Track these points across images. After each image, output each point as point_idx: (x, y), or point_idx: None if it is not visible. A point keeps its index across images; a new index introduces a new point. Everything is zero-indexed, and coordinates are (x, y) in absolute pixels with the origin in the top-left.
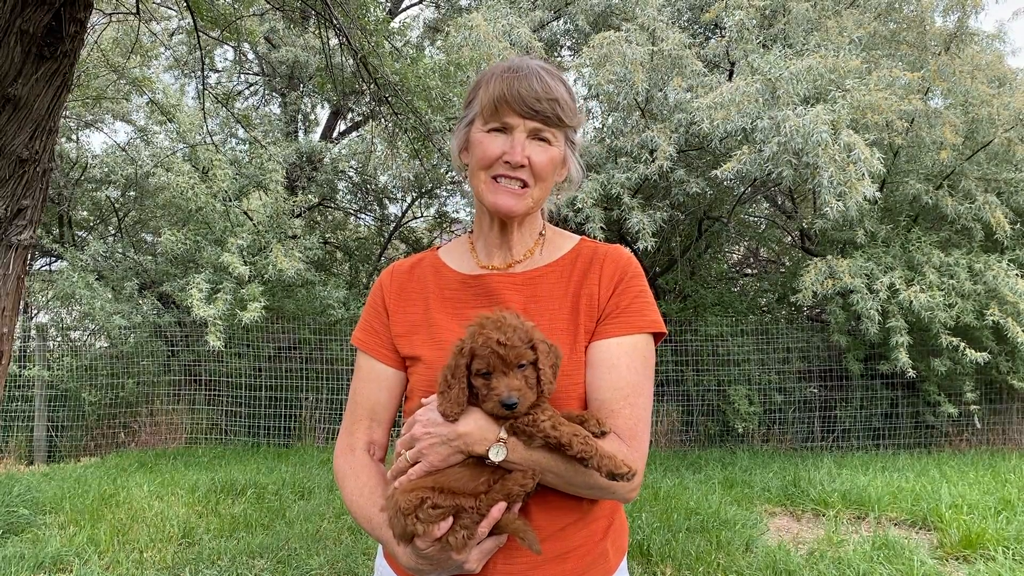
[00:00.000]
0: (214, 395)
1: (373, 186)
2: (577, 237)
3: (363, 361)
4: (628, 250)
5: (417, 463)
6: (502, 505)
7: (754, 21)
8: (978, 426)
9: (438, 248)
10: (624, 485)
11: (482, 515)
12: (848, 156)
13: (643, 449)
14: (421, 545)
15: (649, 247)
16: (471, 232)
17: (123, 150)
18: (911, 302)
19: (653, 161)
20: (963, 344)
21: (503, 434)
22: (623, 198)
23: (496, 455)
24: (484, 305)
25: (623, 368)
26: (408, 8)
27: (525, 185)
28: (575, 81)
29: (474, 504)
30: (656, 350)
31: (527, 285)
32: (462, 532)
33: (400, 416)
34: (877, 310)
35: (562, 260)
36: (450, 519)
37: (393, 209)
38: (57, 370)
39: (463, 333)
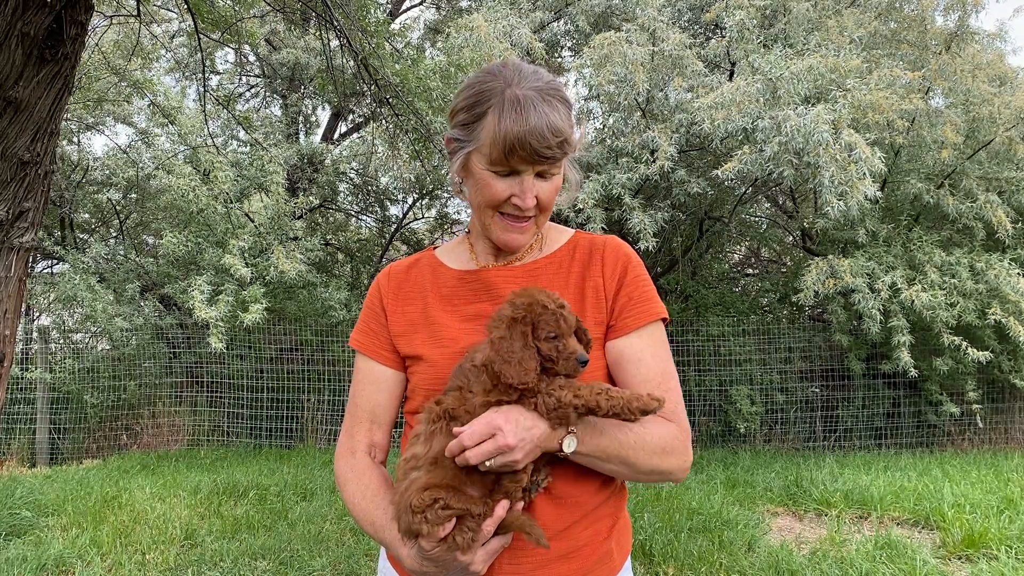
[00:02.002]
0: (216, 397)
1: (374, 187)
2: (571, 230)
3: (362, 363)
4: (623, 240)
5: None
6: (506, 503)
7: (754, 21)
8: (980, 425)
9: (435, 248)
10: (678, 464)
11: (487, 515)
12: (849, 156)
13: (687, 428)
14: (426, 546)
15: (650, 247)
16: (468, 232)
17: (124, 152)
18: (913, 301)
19: (654, 161)
20: (965, 343)
21: (573, 426)
22: (624, 198)
23: (569, 447)
24: (483, 300)
25: (648, 359)
26: (409, 9)
27: (531, 217)
28: (575, 82)
29: (482, 510)
30: None
31: (526, 277)
32: (469, 532)
33: (401, 417)
34: (879, 309)
35: (559, 252)
36: (454, 519)
37: (394, 210)
38: (59, 372)
39: (464, 329)
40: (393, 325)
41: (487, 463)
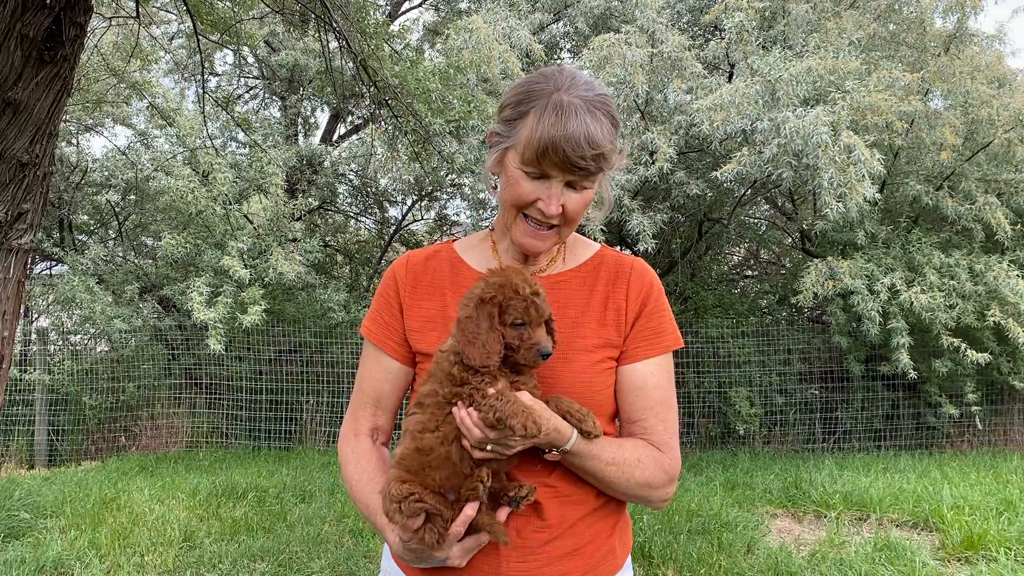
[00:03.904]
0: (215, 399)
1: (373, 189)
2: (596, 244)
3: (371, 350)
4: (648, 265)
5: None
6: (475, 504)
7: (754, 23)
8: (979, 427)
9: (454, 241)
10: (658, 496)
11: (454, 518)
12: (848, 157)
13: (678, 460)
14: (403, 536)
15: (649, 249)
16: (492, 229)
17: (123, 154)
18: (912, 303)
19: (653, 163)
20: (964, 345)
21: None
22: (623, 200)
23: (571, 444)
24: None
25: (650, 388)
26: (408, 11)
27: (554, 226)
28: None
29: (451, 514)
30: None
31: (551, 290)
32: (435, 532)
33: (406, 405)
34: (878, 311)
35: (584, 266)
36: (424, 516)
37: (393, 212)
38: (58, 374)
39: None
40: (409, 320)
41: (487, 447)
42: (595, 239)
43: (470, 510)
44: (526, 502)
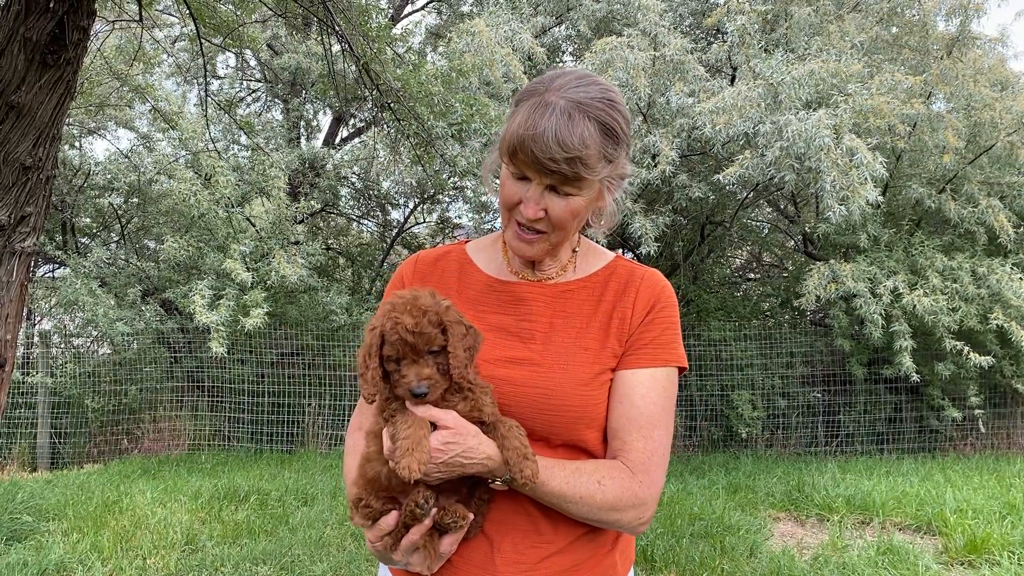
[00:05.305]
0: (217, 401)
1: (375, 192)
2: (612, 254)
3: None
4: (663, 277)
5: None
6: (429, 516)
7: (756, 26)
8: (982, 430)
9: (467, 242)
10: (629, 519)
11: (415, 522)
12: (850, 160)
13: (655, 484)
14: (369, 537)
15: (652, 252)
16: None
17: (126, 157)
18: (914, 306)
19: (655, 166)
20: (967, 348)
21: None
22: (625, 203)
23: (508, 475)
24: (508, 312)
25: (636, 397)
26: (410, 14)
27: (542, 231)
28: None
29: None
30: None
31: (558, 299)
32: (388, 539)
33: None
34: (880, 314)
35: (595, 277)
36: (393, 515)
37: (395, 215)
38: (60, 377)
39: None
40: None
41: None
42: (597, 242)
43: (428, 521)
44: (455, 527)
